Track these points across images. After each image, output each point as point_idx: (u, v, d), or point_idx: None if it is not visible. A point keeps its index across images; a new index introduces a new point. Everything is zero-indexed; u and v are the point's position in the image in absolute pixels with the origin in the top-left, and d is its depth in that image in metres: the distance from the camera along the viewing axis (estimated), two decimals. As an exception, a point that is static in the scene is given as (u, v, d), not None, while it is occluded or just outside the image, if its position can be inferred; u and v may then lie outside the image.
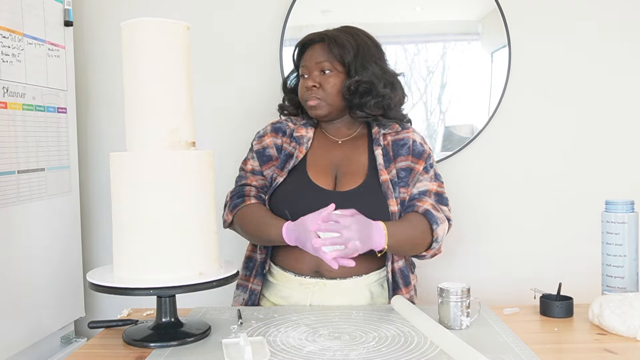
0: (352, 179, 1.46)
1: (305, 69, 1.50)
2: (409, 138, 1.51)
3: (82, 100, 2.03)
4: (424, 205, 1.43)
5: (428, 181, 1.48)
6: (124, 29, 1.19)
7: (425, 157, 1.50)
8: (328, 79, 1.48)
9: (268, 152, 1.54)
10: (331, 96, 1.48)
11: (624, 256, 1.31)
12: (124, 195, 1.16)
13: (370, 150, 1.51)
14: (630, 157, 2.03)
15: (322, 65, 1.48)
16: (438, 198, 1.48)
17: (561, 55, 2.01)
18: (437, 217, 1.42)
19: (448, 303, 1.22)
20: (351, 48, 1.47)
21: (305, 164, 1.49)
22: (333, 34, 1.49)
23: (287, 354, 1.08)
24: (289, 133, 1.54)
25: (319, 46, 1.49)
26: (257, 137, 1.58)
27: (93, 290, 1.15)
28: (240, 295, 1.53)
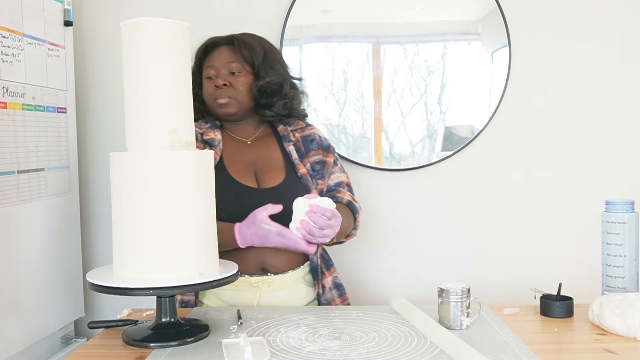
0: (273, 175, 1.51)
1: (213, 69, 1.53)
2: (315, 134, 1.61)
3: (82, 100, 2.03)
4: (345, 196, 1.55)
5: (339, 172, 1.61)
6: (124, 29, 1.19)
7: (332, 151, 1.62)
8: (238, 78, 1.52)
9: None
10: (241, 95, 1.52)
11: (624, 256, 1.31)
12: (124, 195, 1.16)
13: (282, 147, 1.57)
14: (630, 157, 2.03)
15: (231, 66, 1.52)
16: (349, 189, 1.60)
17: (561, 55, 2.01)
18: (356, 206, 1.56)
19: (448, 303, 1.22)
20: (260, 50, 1.54)
21: (225, 166, 1.50)
22: (240, 37, 1.54)
23: (287, 354, 1.08)
24: (199, 138, 1.53)
25: (225, 48, 1.54)
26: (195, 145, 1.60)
27: (93, 290, 1.15)
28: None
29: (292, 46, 2.00)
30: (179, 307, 1.46)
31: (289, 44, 2.00)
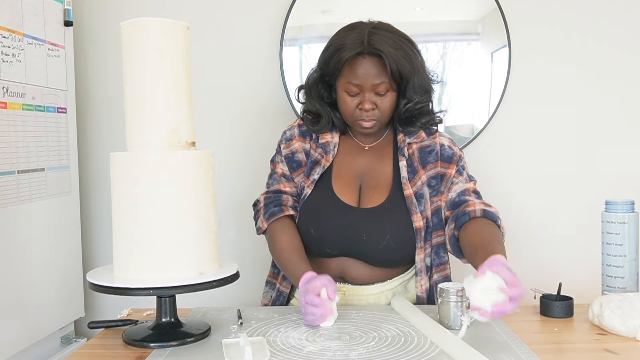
0: (377, 193, 1.43)
1: (357, 87, 1.36)
2: (435, 144, 1.47)
3: (82, 100, 2.03)
4: (477, 206, 1.38)
5: (463, 182, 1.45)
6: (124, 29, 1.19)
7: (455, 160, 1.46)
8: (384, 99, 1.38)
9: (297, 157, 1.49)
10: (386, 116, 1.41)
11: (624, 256, 1.31)
12: (124, 195, 1.16)
13: (395, 159, 1.47)
14: (630, 157, 2.03)
15: (377, 88, 1.36)
16: (477, 195, 1.45)
17: (561, 55, 2.01)
18: (494, 212, 1.39)
19: (448, 303, 1.21)
20: (409, 66, 1.36)
21: (331, 174, 1.45)
22: (389, 51, 1.33)
23: (287, 354, 1.08)
24: (314, 137, 1.49)
25: (371, 62, 1.35)
26: (284, 140, 1.52)
27: (93, 290, 1.15)
28: (269, 292, 1.54)
29: (292, 46, 2.00)
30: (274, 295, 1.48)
31: (289, 44, 2.00)
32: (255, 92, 2.05)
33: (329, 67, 1.39)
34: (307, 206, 1.43)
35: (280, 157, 1.52)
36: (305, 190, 1.44)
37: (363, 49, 1.34)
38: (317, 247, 1.42)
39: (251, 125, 2.05)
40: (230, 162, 2.05)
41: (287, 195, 1.48)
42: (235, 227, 2.05)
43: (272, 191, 1.50)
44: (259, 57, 2.03)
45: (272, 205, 1.46)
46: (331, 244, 1.40)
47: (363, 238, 1.38)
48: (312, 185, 1.44)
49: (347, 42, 1.36)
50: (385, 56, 1.33)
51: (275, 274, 1.54)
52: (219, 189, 1.35)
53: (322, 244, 1.41)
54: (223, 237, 1.93)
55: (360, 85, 1.36)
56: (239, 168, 2.06)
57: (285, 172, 1.50)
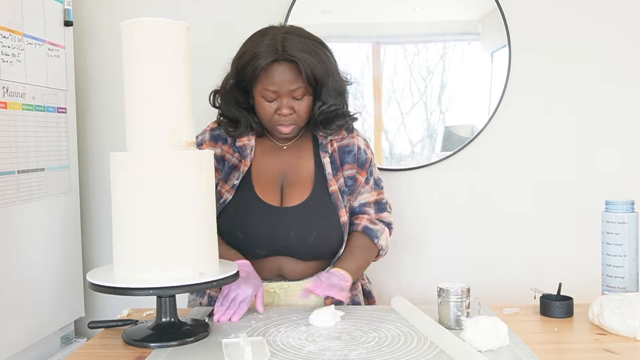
0: (299, 191, 1.45)
1: (274, 94, 1.39)
2: (354, 144, 1.51)
3: (82, 100, 2.03)
4: (362, 222, 1.49)
5: (368, 192, 1.52)
6: (124, 29, 1.19)
7: (367, 167, 1.52)
8: (301, 103, 1.41)
9: None
10: (303, 119, 1.44)
11: (624, 256, 1.31)
12: (124, 195, 1.16)
13: (317, 156, 1.49)
14: (630, 157, 2.03)
15: (294, 93, 1.39)
16: (377, 207, 1.53)
17: (561, 55, 2.01)
18: (375, 230, 1.49)
19: (448, 303, 1.21)
20: (323, 70, 1.40)
21: (251, 177, 1.47)
22: (303, 57, 1.36)
23: (287, 354, 1.08)
24: (230, 142, 1.49)
25: (287, 68, 1.37)
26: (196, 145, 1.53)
27: (93, 290, 1.15)
28: (197, 300, 1.51)
29: (292, 46, 2.00)
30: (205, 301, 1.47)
31: (289, 44, 1.99)
32: (255, 92, 2.04)
33: (245, 75, 1.40)
34: (231, 210, 1.44)
35: None
36: (225, 196, 1.44)
37: (278, 55, 1.35)
38: (247, 249, 1.43)
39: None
40: (230, 162, 2.04)
41: None
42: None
43: None
44: (259, 57, 2.02)
45: None
46: (260, 245, 1.42)
47: (291, 236, 1.41)
48: (233, 191, 1.44)
49: (261, 50, 1.37)
50: (299, 62, 1.35)
51: None
52: (219, 189, 1.35)
53: (250, 246, 1.43)
54: (223, 237, 1.93)
55: (277, 91, 1.38)
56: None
57: None
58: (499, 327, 1.10)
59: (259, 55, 1.37)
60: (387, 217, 1.55)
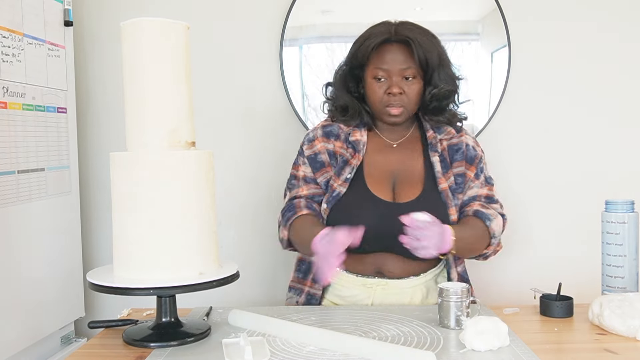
0: (411, 188, 1.45)
1: (385, 72, 1.41)
2: (462, 143, 1.51)
3: (82, 100, 2.03)
4: (473, 207, 1.47)
5: (478, 187, 1.51)
6: (124, 29, 1.19)
7: (476, 163, 1.50)
8: (411, 85, 1.42)
9: (320, 158, 1.50)
10: (413, 103, 1.44)
11: (624, 256, 1.31)
12: (124, 195, 1.16)
13: (426, 155, 1.49)
14: (630, 157, 2.03)
15: (405, 72, 1.41)
16: (487, 200, 1.51)
17: (561, 55, 2.01)
18: (487, 213, 1.45)
19: (448, 303, 1.21)
20: (436, 54, 1.42)
21: (363, 172, 1.46)
22: (416, 38, 1.40)
23: (287, 354, 1.08)
24: (344, 137, 1.50)
25: (399, 49, 1.41)
26: (306, 141, 1.53)
27: (93, 290, 1.15)
28: (294, 298, 1.53)
29: (292, 46, 2.00)
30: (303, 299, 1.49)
31: (289, 44, 2.00)
32: (255, 92, 2.04)
33: (357, 57, 1.45)
34: (342, 204, 1.43)
35: (303, 158, 1.52)
36: (339, 189, 1.44)
37: (390, 36, 1.41)
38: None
39: (251, 125, 2.05)
40: (230, 162, 2.05)
41: (302, 199, 1.49)
42: (235, 227, 2.05)
43: (288, 200, 1.51)
44: (259, 57, 2.03)
45: (287, 212, 1.48)
46: (368, 240, 1.38)
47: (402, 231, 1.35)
48: (346, 184, 1.44)
49: (375, 32, 1.43)
50: (412, 42, 1.39)
51: (301, 278, 1.53)
52: (219, 189, 1.35)
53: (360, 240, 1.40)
54: (223, 237, 1.93)
55: (388, 70, 1.41)
56: (239, 168, 2.06)
57: (307, 173, 1.51)
58: (499, 327, 1.11)
59: (371, 36, 1.42)
60: (499, 208, 1.51)
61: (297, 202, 1.48)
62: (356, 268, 1.45)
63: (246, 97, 2.04)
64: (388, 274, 1.44)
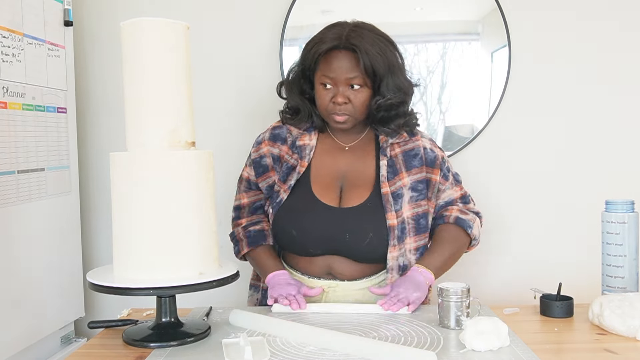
0: (358, 193, 1.44)
1: (331, 80, 1.38)
2: (419, 147, 1.47)
3: (82, 100, 2.03)
4: (452, 213, 1.47)
5: (450, 189, 1.50)
6: (124, 29, 1.19)
7: (439, 164, 1.48)
8: (357, 94, 1.39)
9: (264, 162, 1.50)
10: (359, 112, 1.41)
11: (624, 256, 1.31)
12: (124, 195, 1.16)
13: (378, 158, 1.47)
14: (630, 157, 2.03)
15: (351, 81, 1.37)
16: (462, 200, 1.52)
17: (561, 54, 2.01)
18: (467, 220, 1.46)
19: (448, 303, 1.21)
20: (384, 63, 1.37)
21: (309, 177, 1.46)
22: (364, 46, 1.35)
23: (287, 354, 1.08)
24: (290, 141, 1.49)
25: (346, 56, 1.37)
26: (255, 143, 1.54)
27: (93, 290, 1.15)
28: (254, 295, 1.56)
29: (292, 46, 2.00)
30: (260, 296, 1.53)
31: (289, 44, 2.00)
32: (255, 92, 2.04)
33: (307, 61, 1.42)
34: (286, 209, 1.44)
35: (249, 160, 1.55)
36: (281, 195, 1.45)
37: (339, 43, 1.37)
38: (301, 247, 1.44)
39: (251, 125, 2.05)
40: (231, 162, 2.05)
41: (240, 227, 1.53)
42: (235, 227, 2.05)
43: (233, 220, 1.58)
44: (259, 57, 2.03)
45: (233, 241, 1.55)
46: (314, 244, 1.42)
47: (346, 237, 1.40)
48: (288, 191, 1.45)
49: (326, 37, 1.39)
50: (359, 51, 1.35)
51: (259, 276, 1.54)
52: (219, 189, 1.35)
53: (305, 244, 1.43)
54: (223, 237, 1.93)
55: (334, 78, 1.38)
56: (239, 168, 2.05)
57: (250, 176, 1.54)
58: (499, 327, 1.11)
59: (322, 41, 1.39)
60: (473, 207, 1.53)
61: (237, 232, 1.53)
62: (307, 269, 1.46)
63: (246, 97, 2.05)
64: (338, 276, 1.45)
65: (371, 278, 1.45)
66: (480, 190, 2.04)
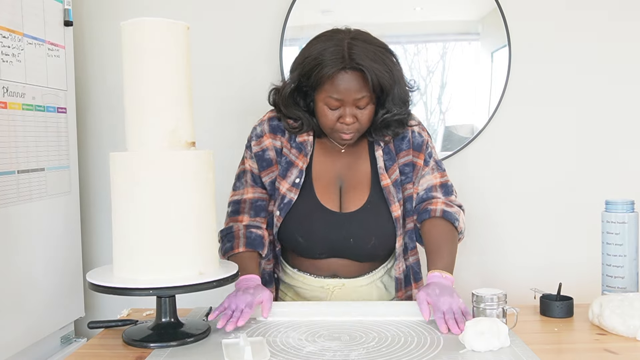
0: (357, 195, 1.44)
1: (338, 102, 1.34)
2: (407, 130, 1.46)
3: (82, 100, 2.03)
4: (438, 206, 1.43)
5: (430, 174, 1.48)
6: (124, 29, 1.19)
7: (424, 149, 1.47)
8: (364, 112, 1.36)
9: (267, 155, 1.46)
10: (364, 128, 1.40)
11: (624, 256, 1.31)
12: (124, 195, 1.16)
13: (372, 152, 1.46)
14: (630, 157, 2.03)
15: (359, 102, 1.34)
16: (444, 190, 1.48)
17: (561, 55, 2.01)
18: (453, 213, 1.43)
19: (483, 310, 1.19)
20: (390, 79, 1.34)
21: (311, 177, 1.45)
22: (370, 65, 1.30)
23: (287, 354, 1.08)
24: (288, 135, 1.46)
25: (353, 76, 1.32)
26: (254, 136, 1.49)
27: (93, 290, 1.15)
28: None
29: (292, 46, 2.00)
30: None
31: (289, 44, 2.00)
32: (255, 92, 2.04)
33: (309, 81, 1.36)
34: (292, 213, 1.43)
35: (250, 153, 1.49)
36: (290, 196, 1.43)
37: (345, 64, 1.30)
38: (306, 251, 1.45)
39: (251, 125, 2.04)
40: (231, 162, 2.04)
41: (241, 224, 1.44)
42: (235, 227, 2.05)
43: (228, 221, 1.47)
44: (259, 57, 2.03)
45: (225, 240, 1.44)
46: (319, 249, 1.43)
47: (350, 242, 1.41)
48: (297, 191, 1.42)
49: (327, 57, 1.32)
50: (367, 71, 1.30)
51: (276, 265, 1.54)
52: (219, 189, 1.35)
53: (310, 249, 1.44)
54: (223, 237, 1.93)
55: (342, 99, 1.33)
56: (239, 168, 2.06)
57: (253, 169, 1.48)
58: (499, 327, 1.10)
59: (324, 62, 1.31)
60: (455, 199, 1.49)
61: (236, 228, 1.43)
62: (312, 270, 1.47)
63: (246, 97, 2.04)
64: (344, 275, 1.46)
65: (377, 270, 1.48)
66: (480, 190, 2.04)
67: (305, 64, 1.35)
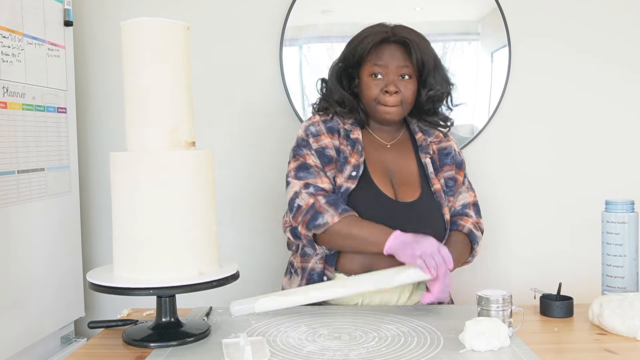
0: (409, 188, 1.46)
1: (383, 69, 1.42)
2: (451, 147, 1.55)
3: (82, 100, 2.03)
4: (467, 224, 1.49)
5: (466, 192, 1.54)
6: (124, 29, 1.19)
7: (463, 168, 1.56)
8: (407, 85, 1.43)
9: (328, 153, 1.46)
10: (407, 103, 1.45)
11: (624, 256, 1.31)
12: (124, 195, 1.16)
13: (417, 157, 1.51)
14: (630, 157, 2.03)
15: (402, 70, 1.42)
16: (475, 210, 1.54)
17: (561, 54, 2.01)
18: (477, 237, 1.49)
19: (488, 312, 1.18)
20: (432, 58, 1.44)
21: (368, 169, 1.46)
22: (414, 39, 1.42)
23: (287, 354, 1.08)
24: (344, 134, 1.48)
25: (397, 48, 1.43)
26: (311, 135, 1.47)
27: (93, 290, 1.15)
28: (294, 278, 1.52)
29: (292, 46, 2.00)
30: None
31: (289, 44, 2.00)
32: (255, 92, 2.05)
33: (355, 55, 1.45)
34: (351, 201, 1.41)
35: (310, 150, 1.46)
36: (346, 185, 1.42)
37: (389, 36, 1.42)
38: None
39: (251, 125, 2.05)
40: (230, 162, 2.05)
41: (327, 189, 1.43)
42: (235, 227, 2.05)
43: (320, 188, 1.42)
44: (259, 57, 2.03)
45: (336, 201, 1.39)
46: None
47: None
48: (355, 181, 1.42)
49: (373, 32, 1.44)
50: (411, 43, 1.41)
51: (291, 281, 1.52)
52: (219, 189, 1.35)
53: None
54: (223, 237, 1.93)
55: (386, 67, 1.42)
56: (239, 168, 2.06)
57: (317, 164, 1.46)
58: (499, 327, 1.10)
59: (369, 35, 1.43)
60: (482, 222, 1.55)
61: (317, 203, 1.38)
62: (346, 268, 1.44)
63: (246, 97, 2.05)
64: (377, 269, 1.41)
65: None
66: (480, 190, 2.03)
67: (351, 43, 1.47)
